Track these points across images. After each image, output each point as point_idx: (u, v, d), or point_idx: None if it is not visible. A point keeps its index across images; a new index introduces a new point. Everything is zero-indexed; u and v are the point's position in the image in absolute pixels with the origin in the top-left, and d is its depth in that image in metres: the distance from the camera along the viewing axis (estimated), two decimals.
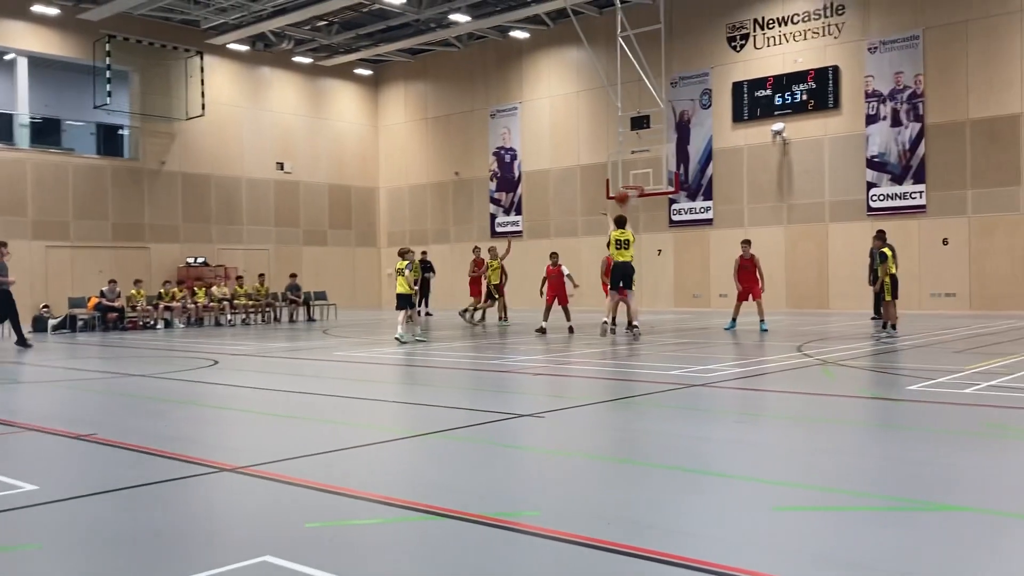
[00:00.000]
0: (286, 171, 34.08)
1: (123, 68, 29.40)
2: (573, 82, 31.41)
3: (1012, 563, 3.67)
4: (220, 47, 31.49)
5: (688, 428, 7.05)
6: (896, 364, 11.48)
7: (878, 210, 25.15)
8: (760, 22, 27.26)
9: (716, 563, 3.64)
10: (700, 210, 28.57)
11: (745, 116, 27.44)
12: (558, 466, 5.91)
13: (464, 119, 34.68)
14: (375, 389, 10.15)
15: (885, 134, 25.12)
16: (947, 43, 24.12)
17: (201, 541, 4.21)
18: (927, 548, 3.85)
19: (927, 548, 3.85)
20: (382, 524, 4.40)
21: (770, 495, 4.89)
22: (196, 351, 15.61)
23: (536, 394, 9.21)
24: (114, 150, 30.56)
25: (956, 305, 24.01)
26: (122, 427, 7.53)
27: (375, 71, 37.06)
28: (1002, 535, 4.06)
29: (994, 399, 8.08)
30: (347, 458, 6.03)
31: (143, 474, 5.55)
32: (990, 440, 6.31)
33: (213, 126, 31.70)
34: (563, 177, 31.80)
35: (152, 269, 29.54)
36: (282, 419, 8.00)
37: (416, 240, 35.68)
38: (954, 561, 3.66)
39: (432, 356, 13.79)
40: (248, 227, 32.98)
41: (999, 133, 23.44)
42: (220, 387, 10.45)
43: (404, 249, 17.14)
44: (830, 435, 6.78)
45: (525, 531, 4.18)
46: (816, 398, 8.71)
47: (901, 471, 5.47)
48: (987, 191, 23.63)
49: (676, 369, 10.99)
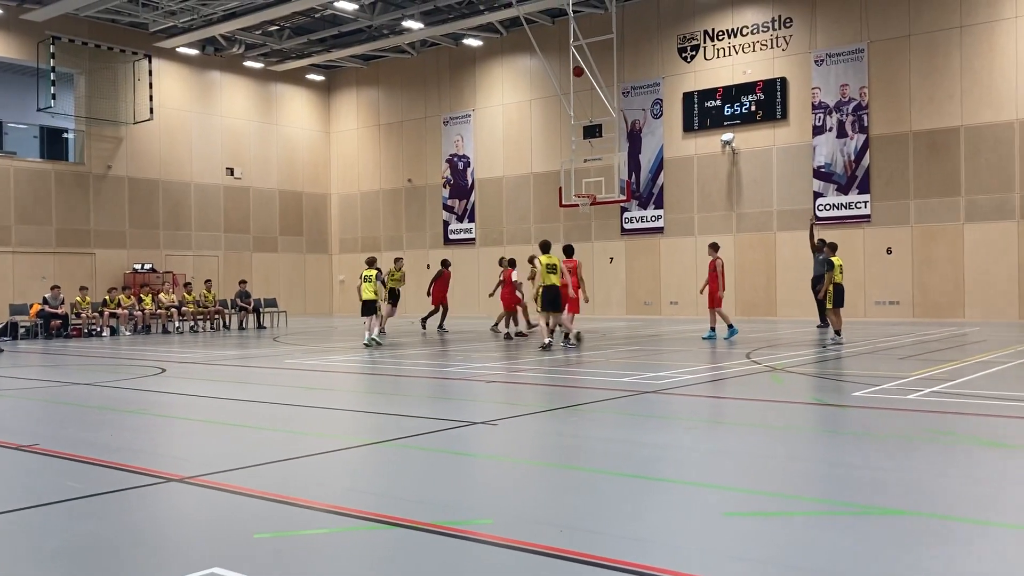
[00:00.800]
0: (236, 177, 33.68)
1: (68, 70, 28.83)
2: (526, 90, 31.54)
3: (953, 564, 3.75)
4: (169, 50, 31.03)
5: (639, 435, 7.11)
6: (842, 371, 11.70)
7: (824, 219, 25.61)
8: (710, 33, 27.64)
9: (668, 569, 3.67)
10: (651, 218, 28.84)
11: (695, 126, 27.78)
12: (511, 474, 5.91)
13: (417, 126, 34.61)
14: (326, 397, 10.06)
15: (831, 145, 25.62)
16: (891, 57, 24.70)
17: (147, 553, 4.13)
18: (872, 551, 3.93)
19: (872, 551, 3.93)
20: (332, 534, 4.36)
21: (720, 501, 4.94)
22: (143, 359, 15.33)
23: (490, 402, 9.20)
24: (58, 154, 29.94)
25: (899, 313, 24.55)
26: (65, 437, 7.36)
27: (327, 77, 36.83)
28: (944, 537, 4.15)
29: (936, 405, 8.27)
30: (297, 467, 5.96)
31: (87, 485, 5.44)
32: (933, 445, 6.46)
33: (161, 130, 31.22)
34: (516, 185, 31.88)
35: (97, 275, 28.96)
36: (231, 428, 7.89)
37: (369, 248, 35.48)
38: (898, 563, 3.74)
39: (386, 364, 13.71)
40: (197, 233, 32.51)
41: (940, 145, 24.05)
42: (167, 396, 10.27)
43: (372, 258, 18.11)
44: (778, 441, 6.88)
45: (478, 539, 4.17)
46: (765, 404, 8.84)
47: (847, 476, 5.57)
48: (929, 201, 24.22)
49: (628, 376, 11.06)
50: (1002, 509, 4.77)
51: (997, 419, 7.53)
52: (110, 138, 29.92)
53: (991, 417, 7.64)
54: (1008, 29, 23.11)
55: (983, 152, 23.47)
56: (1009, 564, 3.84)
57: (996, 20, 23.25)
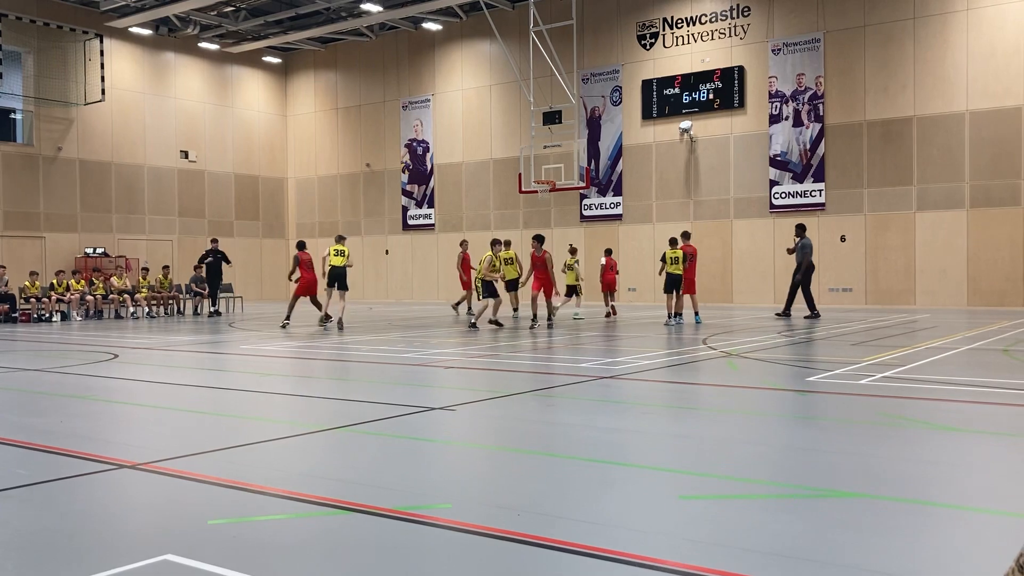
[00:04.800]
0: (191, 160, 33.16)
1: (16, 49, 28.12)
2: (486, 75, 31.42)
3: (905, 546, 3.82)
4: (121, 30, 30.41)
5: (597, 420, 7.14)
6: (796, 356, 11.86)
7: (780, 207, 25.91)
8: (669, 21, 27.75)
9: (625, 552, 3.69)
10: (610, 205, 28.96)
11: (654, 113, 27.91)
12: (469, 459, 5.91)
13: (375, 110, 34.34)
14: (282, 383, 9.97)
15: (787, 133, 25.90)
16: (846, 47, 25.01)
17: (99, 540, 4.06)
18: (825, 533, 3.99)
19: (825, 533, 3.99)
20: (288, 519, 4.32)
21: (676, 484, 4.98)
22: (94, 345, 15.06)
23: (449, 387, 9.18)
24: (6, 135, 29.21)
25: (853, 300, 24.96)
26: (12, 423, 7.20)
27: (284, 59, 36.36)
28: (896, 520, 4.23)
29: (888, 390, 8.42)
30: (252, 453, 5.90)
31: (35, 472, 5.33)
32: (885, 428, 6.57)
33: (114, 112, 30.61)
34: (476, 171, 31.80)
35: (47, 260, 28.38)
36: (184, 414, 7.78)
37: (327, 232, 35.20)
38: (850, 545, 3.80)
39: (345, 350, 13.62)
40: (151, 217, 31.99)
41: (894, 134, 24.44)
42: (119, 381, 10.10)
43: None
44: (733, 425, 6.96)
45: (436, 524, 4.16)
46: (720, 389, 8.93)
47: (801, 459, 5.65)
48: (882, 190, 24.62)
49: (586, 362, 11.11)
50: (953, 492, 4.87)
51: (947, 403, 7.69)
52: (60, 119, 29.27)
53: (941, 401, 7.80)
54: (960, 21, 23.50)
55: (935, 142, 23.89)
56: (960, 545, 3.92)
57: (948, 12, 23.64)
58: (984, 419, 6.99)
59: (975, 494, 4.77)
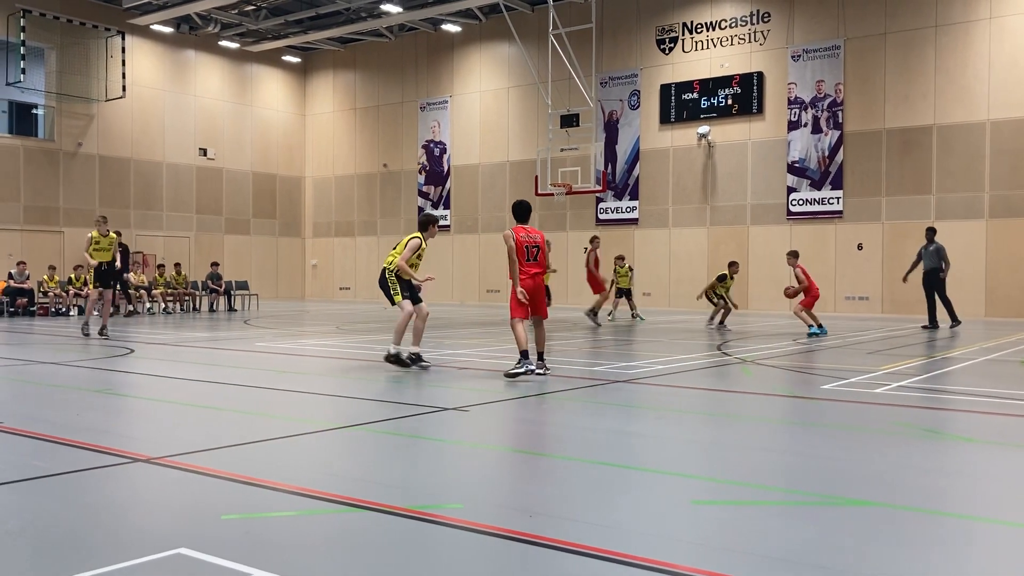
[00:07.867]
0: (209, 157, 33.35)
1: (39, 45, 28.37)
2: (504, 78, 31.45)
3: (916, 555, 3.80)
4: (143, 28, 30.62)
5: (611, 423, 7.13)
6: (811, 364, 11.81)
7: (797, 214, 25.80)
8: (689, 26, 27.69)
9: (636, 555, 3.69)
10: (626, 209, 28.92)
11: (672, 118, 27.86)
12: (482, 460, 5.91)
13: (393, 111, 34.43)
14: (297, 381, 10.00)
15: (805, 140, 25.80)
16: (866, 54, 24.89)
17: (113, 533, 4.09)
18: (836, 540, 3.97)
19: (836, 540, 3.97)
20: (301, 516, 4.34)
21: (689, 489, 4.97)
22: (111, 339, 15.16)
23: (461, 388, 9.19)
24: (28, 130, 29.48)
25: (869, 308, 24.81)
26: (30, 416, 7.26)
27: (303, 59, 36.51)
28: (908, 528, 4.21)
29: (903, 399, 8.37)
30: (266, 450, 5.92)
31: (52, 465, 5.37)
32: (899, 438, 6.53)
33: (134, 109, 30.82)
34: (492, 172, 31.83)
35: (66, 254, 28.58)
36: (199, 409, 7.82)
37: (343, 232, 35.33)
38: (861, 553, 3.78)
39: (359, 349, 13.66)
40: (168, 213, 32.18)
41: (913, 143, 24.29)
42: (135, 376, 10.16)
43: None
44: (747, 431, 6.93)
45: (448, 523, 4.16)
46: (734, 395, 8.90)
47: (814, 467, 5.63)
48: (901, 199, 24.47)
49: (600, 366, 11.09)
50: (966, 502, 4.84)
51: (962, 414, 7.64)
52: (81, 115, 29.49)
53: (956, 412, 7.75)
54: (982, 30, 23.35)
55: (955, 151, 23.73)
56: (970, 555, 3.89)
57: (971, 21, 23.49)
58: (998, 430, 6.94)
59: (988, 505, 4.74)
